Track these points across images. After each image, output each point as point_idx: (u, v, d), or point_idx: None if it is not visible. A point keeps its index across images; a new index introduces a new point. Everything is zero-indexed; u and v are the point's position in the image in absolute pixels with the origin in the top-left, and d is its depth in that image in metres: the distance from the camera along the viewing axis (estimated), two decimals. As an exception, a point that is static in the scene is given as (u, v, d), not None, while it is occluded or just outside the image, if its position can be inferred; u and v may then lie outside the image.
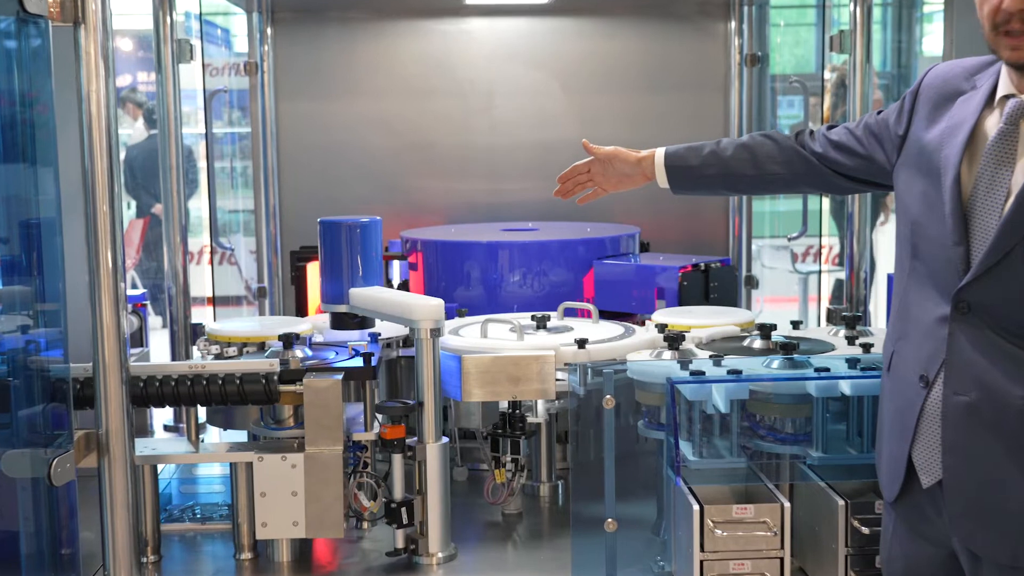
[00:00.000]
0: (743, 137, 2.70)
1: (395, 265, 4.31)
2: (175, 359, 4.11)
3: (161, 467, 3.33)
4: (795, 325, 3.34)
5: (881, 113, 2.33)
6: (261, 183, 4.71)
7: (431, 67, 4.74)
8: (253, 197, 4.76)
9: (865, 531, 2.56)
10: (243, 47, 4.83)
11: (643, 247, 4.36)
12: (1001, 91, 2.00)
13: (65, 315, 2.51)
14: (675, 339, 2.95)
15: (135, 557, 2.60)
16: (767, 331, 3.05)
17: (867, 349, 2.96)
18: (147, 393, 2.86)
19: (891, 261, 2.23)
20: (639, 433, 2.88)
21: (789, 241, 4.95)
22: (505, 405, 3.26)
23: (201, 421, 3.43)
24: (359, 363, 3.02)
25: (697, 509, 2.55)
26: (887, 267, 4.10)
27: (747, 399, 2.64)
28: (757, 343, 3.04)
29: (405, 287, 4.14)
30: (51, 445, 2.45)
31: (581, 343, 3.03)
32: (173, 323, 4.17)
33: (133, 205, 8.03)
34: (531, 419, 3.30)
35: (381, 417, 2.98)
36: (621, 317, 3.82)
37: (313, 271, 4.16)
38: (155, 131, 4.99)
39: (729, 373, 2.63)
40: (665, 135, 3.51)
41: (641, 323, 3.52)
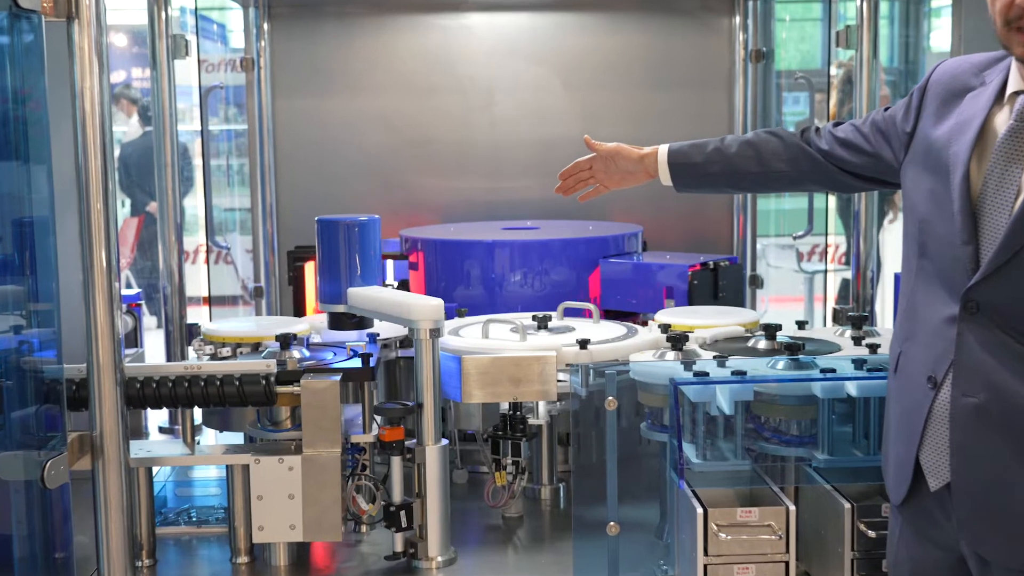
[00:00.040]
0: (748, 134, 2.70)
1: (388, 265, 4.30)
2: (170, 360, 4.11)
3: (156, 470, 3.33)
4: (800, 325, 3.34)
5: (888, 110, 2.33)
6: (258, 181, 4.71)
7: (430, 63, 4.74)
8: (250, 195, 4.76)
9: (872, 535, 2.56)
10: (239, 43, 4.82)
11: (642, 246, 4.36)
12: (1011, 87, 2.00)
13: (59, 315, 2.51)
14: (678, 339, 2.95)
15: (130, 561, 2.60)
16: (772, 331, 3.05)
17: (874, 350, 2.96)
18: (142, 394, 2.86)
19: (898, 260, 2.23)
20: (642, 435, 2.87)
21: (794, 240, 4.94)
22: (506, 407, 3.26)
23: (197, 423, 3.43)
24: (357, 364, 3.02)
25: (701, 512, 2.55)
26: (894, 266, 4.08)
27: (751, 400, 2.64)
28: (762, 344, 3.04)
29: (405, 287, 4.14)
30: (44, 447, 2.45)
31: (583, 344, 3.03)
32: (168, 323, 4.17)
33: (128, 203, 8.02)
34: (532, 421, 3.31)
35: (380, 419, 2.98)
36: (628, 317, 3.82)
37: (311, 271, 4.16)
38: (150, 128, 4.99)
39: (733, 374, 2.63)
40: (668, 132, 3.51)
41: (644, 323, 3.52)
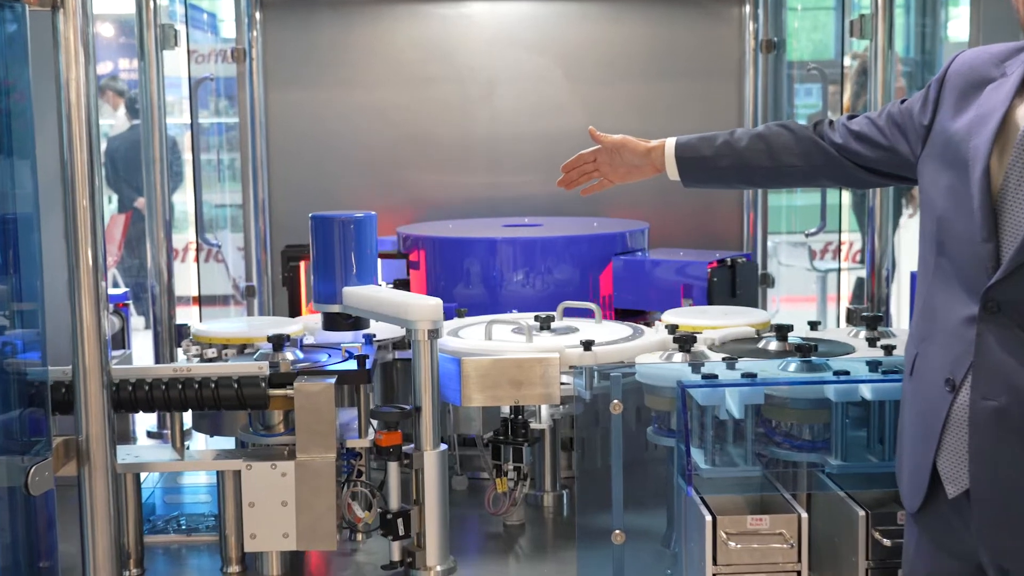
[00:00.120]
0: (758, 127, 2.69)
1: (378, 265, 4.28)
2: (159, 362, 4.11)
3: (144, 476, 3.33)
4: (813, 326, 3.34)
5: (905, 102, 2.32)
6: (249, 176, 4.71)
7: (429, 54, 4.74)
8: (241, 191, 4.77)
9: (887, 543, 2.56)
10: (230, 32, 4.83)
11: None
12: (1033, 79, 2.00)
13: (43, 315, 2.51)
14: (686, 341, 2.95)
15: (117, 571, 2.61)
16: (783, 332, 3.05)
17: (889, 351, 2.96)
18: (129, 397, 2.85)
19: (914, 258, 2.23)
20: (648, 440, 2.88)
21: (807, 237, 4.94)
22: (507, 410, 3.26)
23: (186, 427, 3.43)
24: (353, 366, 3.02)
25: (709, 520, 2.55)
26: (910, 265, 4.08)
27: (762, 404, 2.65)
28: (773, 345, 3.04)
29: (405, 286, 4.14)
30: (28, 452, 2.45)
31: (587, 345, 3.03)
32: (157, 324, 4.17)
33: (115, 199, 8.03)
34: (534, 425, 3.31)
35: (376, 423, 2.98)
36: (642, 316, 3.82)
37: (305, 270, 4.16)
38: (137, 121, 4.99)
39: (743, 377, 2.63)
40: (675, 125, 3.51)
41: (650, 324, 3.52)
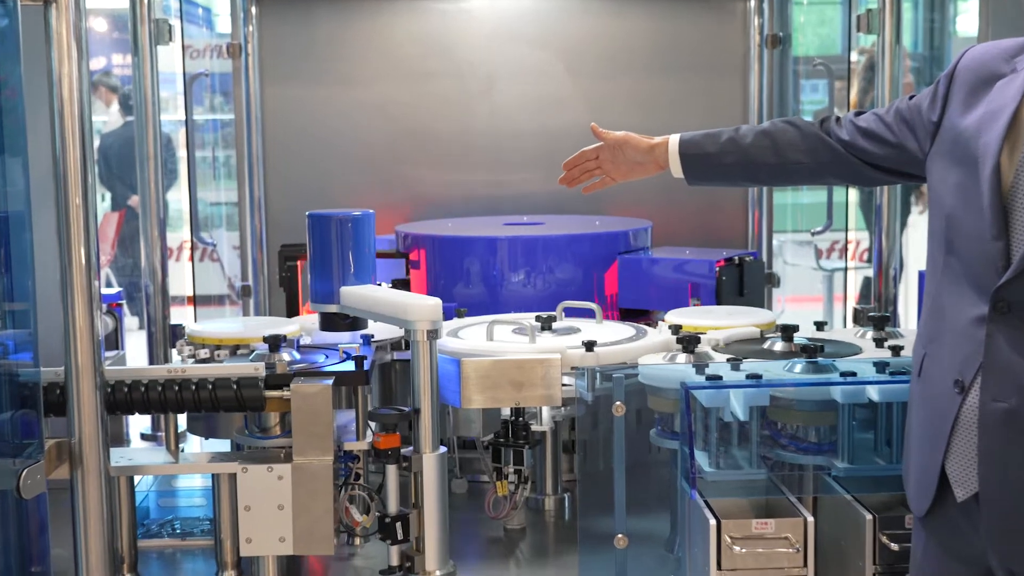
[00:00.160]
0: (764, 124, 2.70)
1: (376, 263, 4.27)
2: (153, 362, 4.11)
3: (138, 479, 3.33)
4: (819, 326, 3.34)
5: (913, 98, 2.32)
6: (245, 174, 4.71)
7: (428, 48, 4.74)
8: (237, 189, 4.76)
9: (894, 547, 2.56)
10: (226, 27, 4.82)
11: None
12: (1044, 74, 2.00)
13: (35, 315, 2.50)
14: (690, 341, 2.95)
15: (110, 575, 2.60)
16: (789, 333, 3.05)
17: (897, 352, 2.96)
18: (123, 399, 2.85)
19: (923, 257, 2.23)
20: (651, 442, 2.88)
21: (813, 236, 4.95)
22: (507, 412, 3.26)
23: (181, 429, 3.43)
24: (351, 367, 3.01)
25: (714, 524, 2.55)
26: (918, 264, 4.07)
27: (767, 406, 2.65)
28: (778, 346, 3.05)
29: (404, 286, 4.14)
30: (20, 455, 2.44)
31: (589, 346, 3.03)
32: (151, 324, 4.17)
33: (108, 197, 8.02)
34: (535, 427, 3.31)
35: (374, 425, 2.98)
36: (646, 316, 3.82)
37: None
38: (131, 118, 4.98)
39: (748, 378, 2.63)
40: (679, 122, 3.50)
41: (653, 324, 3.52)
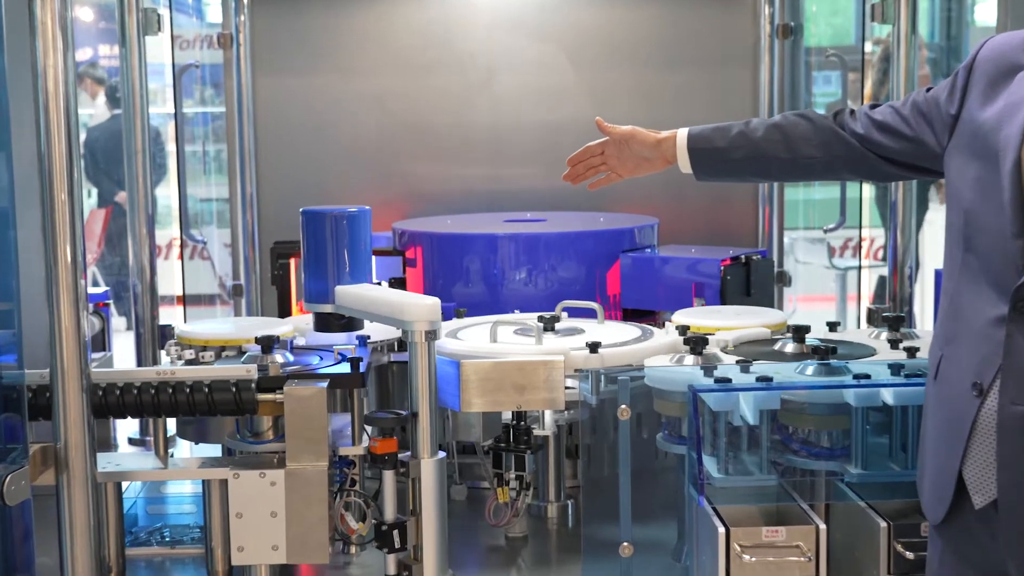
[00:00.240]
0: (775, 117, 2.69)
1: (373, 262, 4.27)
2: (141, 364, 4.11)
3: (126, 485, 3.33)
4: (832, 327, 3.34)
5: (931, 91, 2.32)
6: (237, 169, 4.71)
7: (426, 39, 4.73)
8: (228, 184, 4.76)
9: (910, 556, 2.56)
10: (216, 17, 4.83)
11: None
12: (1066, 66, 2.00)
13: (19, 316, 2.50)
14: (698, 342, 2.95)
15: (97, 585, 2.60)
16: (801, 333, 3.05)
17: (912, 353, 2.96)
18: (110, 402, 2.85)
19: (939, 255, 2.22)
20: (658, 447, 2.87)
21: (825, 233, 4.95)
22: (509, 416, 3.26)
23: (170, 434, 3.43)
24: (346, 369, 3.02)
25: (723, 532, 2.55)
26: (935, 262, 4.07)
27: (778, 409, 2.64)
28: (789, 347, 3.04)
29: (401, 285, 4.14)
30: (3, 460, 2.44)
31: (593, 347, 3.03)
32: (139, 324, 4.17)
33: (94, 193, 8.03)
34: (537, 432, 3.30)
35: (371, 429, 2.98)
36: (650, 316, 3.82)
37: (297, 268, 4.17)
38: (118, 111, 4.98)
39: (758, 380, 2.63)
40: (687, 115, 3.50)
41: (661, 324, 3.52)
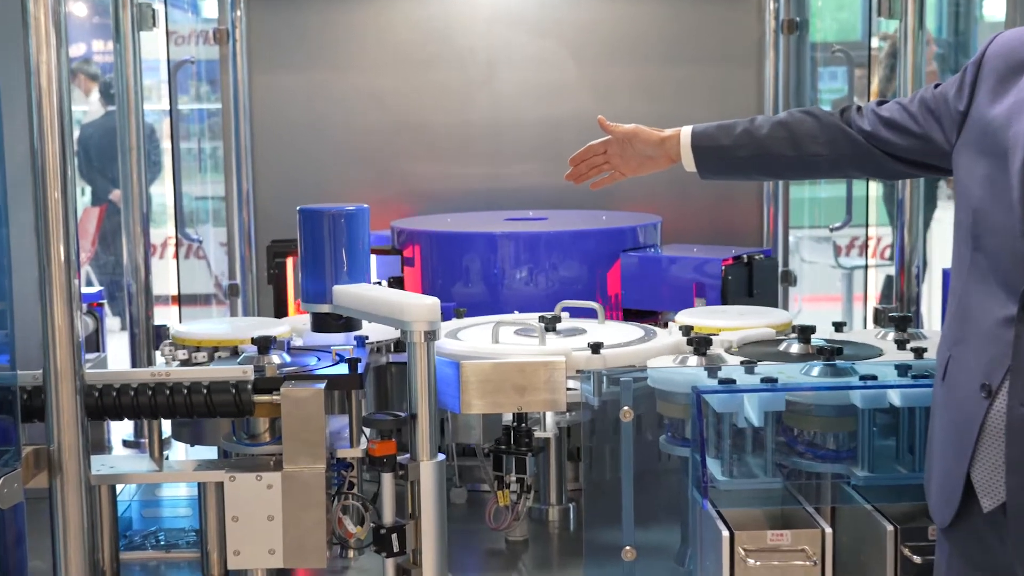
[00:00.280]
0: (780, 114, 2.69)
1: (372, 261, 4.27)
2: (135, 366, 4.11)
3: (120, 488, 3.33)
4: (838, 327, 3.34)
5: (939, 87, 2.32)
6: (233, 166, 4.71)
7: (425, 34, 4.73)
8: (224, 182, 4.76)
9: (917, 560, 2.56)
10: (212, 12, 4.83)
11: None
12: (1076, 62, 2.00)
13: (11, 316, 2.50)
14: (702, 343, 2.95)
15: (91, 589, 2.61)
16: (806, 334, 3.05)
17: (920, 354, 2.96)
18: (104, 404, 2.85)
19: (947, 254, 2.23)
20: (661, 449, 2.88)
21: (831, 232, 4.95)
22: (509, 418, 3.26)
23: (165, 436, 3.43)
24: (344, 370, 3.02)
25: (727, 535, 2.55)
26: (943, 261, 4.06)
27: (783, 411, 2.64)
28: (795, 348, 3.04)
29: (400, 285, 4.14)
30: (-4, 463, 2.45)
31: (595, 347, 3.03)
32: (133, 325, 4.17)
33: (88, 191, 8.03)
34: (538, 434, 3.30)
35: (369, 431, 2.98)
36: (651, 316, 3.82)
37: (293, 267, 4.16)
38: (112, 107, 4.99)
39: (763, 382, 2.63)
40: (690, 112, 3.51)
41: (664, 325, 3.52)
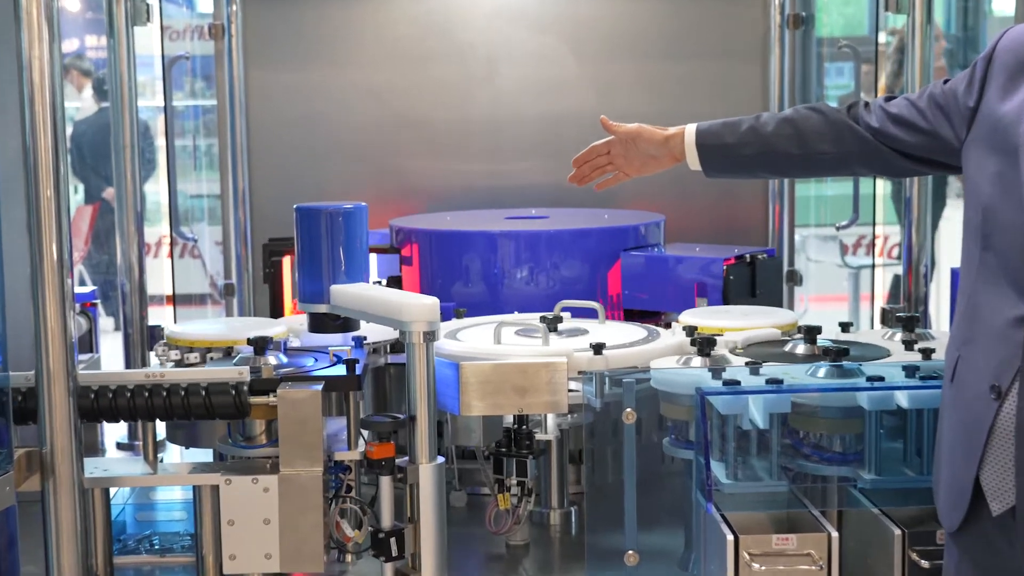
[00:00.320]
0: (786, 111, 2.69)
1: (371, 260, 4.28)
2: (130, 366, 4.12)
3: (114, 491, 3.33)
4: (844, 327, 3.34)
5: (948, 82, 2.32)
6: (228, 164, 4.70)
7: (425, 30, 4.73)
8: (219, 180, 4.76)
9: (925, 565, 2.56)
10: (208, 7, 4.83)
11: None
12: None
13: (3, 316, 2.50)
14: (706, 343, 2.95)
15: (84, 594, 2.61)
16: (812, 334, 3.05)
17: (928, 355, 2.96)
18: (98, 406, 2.85)
19: (956, 253, 2.22)
20: (664, 452, 2.87)
21: (838, 230, 4.95)
22: (510, 420, 3.26)
23: (160, 438, 3.43)
24: (341, 371, 3.02)
25: (731, 539, 2.55)
26: (952, 260, 4.08)
27: (789, 413, 2.64)
28: (801, 348, 3.04)
29: (398, 284, 4.14)
30: (-13, 466, 2.45)
31: (597, 348, 3.03)
32: (127, 325, 4.17)
33: (81, 189, 8.04)
34: (540, 436, 3.30)
35: (367, 434, 2.98)
36: (652, 317, 3.82)
37: (289, 266, 4.16)
38: (106, 104, 4.99)
39: (768, 383, 2.63)
40: (694, 109, 3.52)
41: (667, 325, 3.52)
